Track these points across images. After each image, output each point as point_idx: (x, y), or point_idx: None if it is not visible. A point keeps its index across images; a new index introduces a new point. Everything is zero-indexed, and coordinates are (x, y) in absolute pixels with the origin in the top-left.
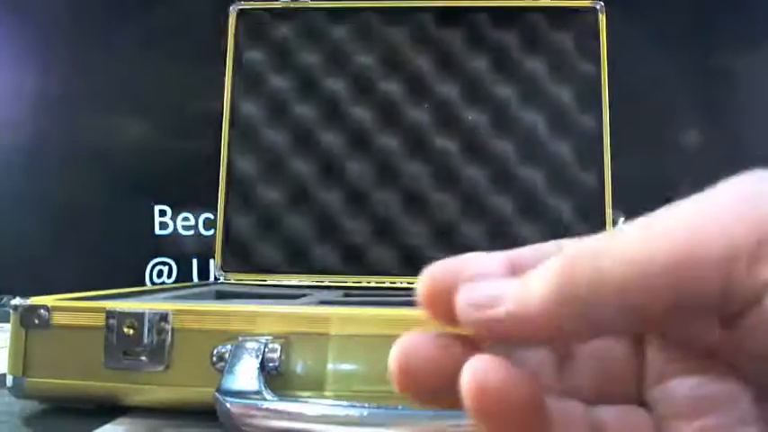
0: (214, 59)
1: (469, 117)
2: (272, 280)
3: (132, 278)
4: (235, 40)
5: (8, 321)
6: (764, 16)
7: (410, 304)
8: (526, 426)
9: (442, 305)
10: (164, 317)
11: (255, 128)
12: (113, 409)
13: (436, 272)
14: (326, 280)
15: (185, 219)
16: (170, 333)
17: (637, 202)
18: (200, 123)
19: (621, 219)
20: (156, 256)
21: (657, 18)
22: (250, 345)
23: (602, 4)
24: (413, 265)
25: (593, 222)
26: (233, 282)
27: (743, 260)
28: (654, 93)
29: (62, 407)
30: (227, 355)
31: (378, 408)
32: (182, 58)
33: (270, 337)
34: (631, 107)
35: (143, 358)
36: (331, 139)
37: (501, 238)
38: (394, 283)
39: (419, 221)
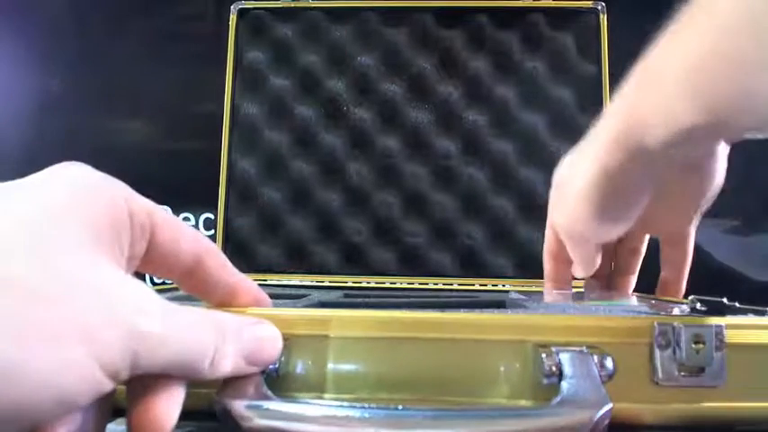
0: (214, 59)
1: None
2: (272, 280)
3: None
4: (235, 39)
5: None
6: None
7: (410, 305)
8: None
9: None
10: None
11: (256, 128)
12: (113, 409)
13: None
14: (326, 280)
15: (185, 219)
16: None
17: None
18: (201, 123)
19: None
20: None
21: (657, 17)
22: None
23: (604, 4)
24: (413, 266)
25: None
26: None
27: None
28: None
29: None
30: None
31: (378, 408)
32: (182, 58)
33: None
34: None
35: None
36: (331, 139)
37: (501, 238)
38: (394, 283)
39: (419, 221)
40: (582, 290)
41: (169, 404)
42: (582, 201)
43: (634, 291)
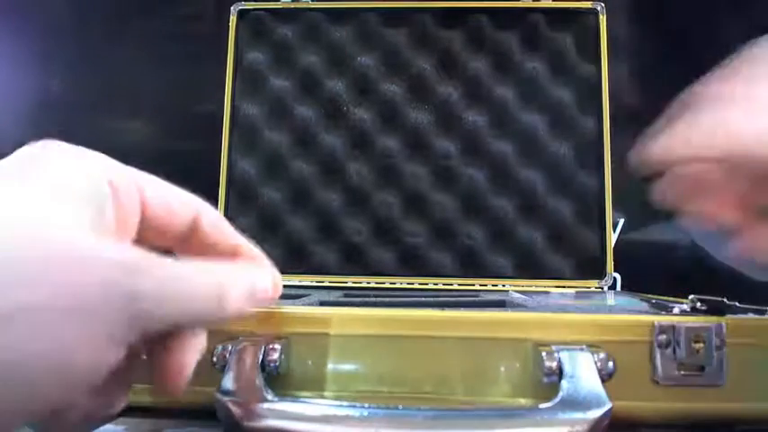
0: (214, 59)
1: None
2: None
3: None
4: (235, 40)
5: None
6: (764, 16)
7: (410, 305)
8: None
9: None
10: None
11: (256, 128)
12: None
13: None
14: (326, 280)
15: None
16: None
17: (637, 202)
18: (201, 123)
19: (621, 220)
20: None
21: (657, 18)
22: (250, 345)
23: (603, 5)
24: (413, 266)
25: (593, 223)
26: None
27: None
28: (654, 93)
29: None
30: (227, 355)
31: (378, 408)
32: (182, 58)
33: (270, 337)
34: (632, 108)
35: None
36: (331, 139)
37: (501, 238)
38: (394, 283)
39: (419, 221)
40: (583, 290)
41: (188, 351)
42: None
43: (634, 291)
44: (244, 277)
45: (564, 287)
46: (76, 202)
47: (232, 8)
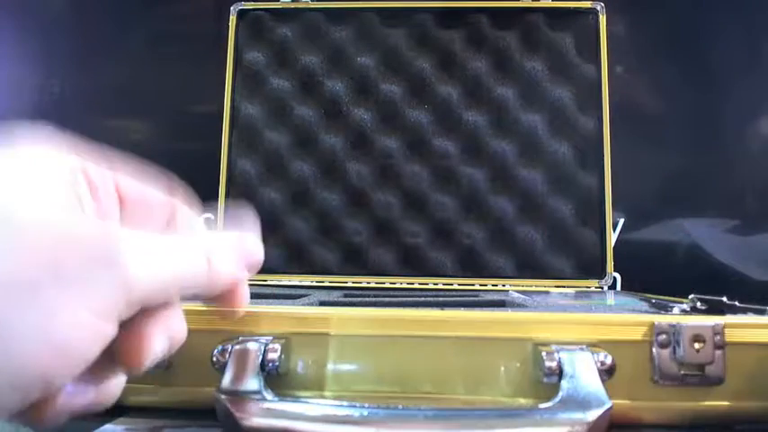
0: (215, 60)
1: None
2: (272, 280)
3: None
4: (235, 40)
5: None
6: (764, 18)
7: (410, 304)
8: None
9: None
10: None
11: (256, 128)
12: (113, 409)
13: None
14: (326, 280)
15: None
16: None
17: (637, 202)
18: (201, 123)
19: (621, 220)
20: None
21: (656, 19)
22: (250, 345)
23: (603, 4)
24: (413, 266)
25: (593, 223)
26: None
27: None
28: (654, 93)
29: None
30: (227, 355)
31: (378, 408)
32: (182, 59)
33: (270, 337)
34: (631, 108)
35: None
36: (331, 139)
37: (501, 238)
38: (394, 283)
39: (419, 221)
40: (583, 290)
41: (156, 329)
42: None
43: (634, 291)
44: (230, 239)
45: (564, 287)
46: (55, 189)
47: (232, 8)
